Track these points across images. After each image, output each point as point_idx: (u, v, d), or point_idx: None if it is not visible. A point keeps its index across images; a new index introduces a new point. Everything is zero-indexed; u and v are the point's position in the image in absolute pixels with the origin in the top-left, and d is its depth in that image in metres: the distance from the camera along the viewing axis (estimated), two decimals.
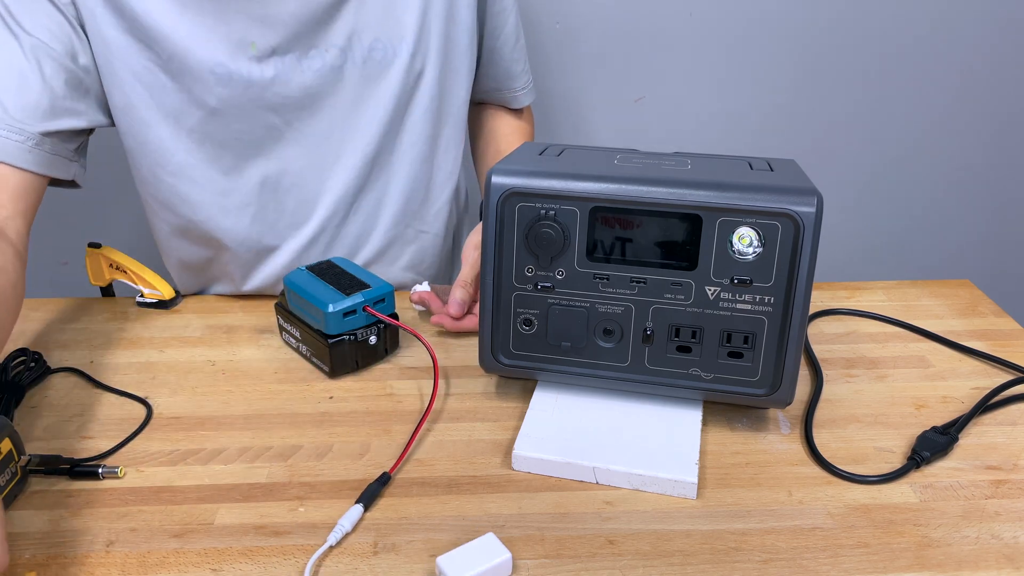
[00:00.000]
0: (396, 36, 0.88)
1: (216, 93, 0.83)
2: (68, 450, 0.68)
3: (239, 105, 0.85)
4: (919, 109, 1.51)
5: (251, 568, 0.56)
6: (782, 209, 0.61)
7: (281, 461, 0.67)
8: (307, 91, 0.86)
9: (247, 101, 0.85)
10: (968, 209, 1.63)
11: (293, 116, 0.87)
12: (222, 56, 0.82)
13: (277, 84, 0.85)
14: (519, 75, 1.04)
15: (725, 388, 0.67)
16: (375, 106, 0.89)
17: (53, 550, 0.58)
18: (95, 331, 0.87)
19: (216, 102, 0.84)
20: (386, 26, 0.87)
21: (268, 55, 0.83)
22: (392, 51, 0.88)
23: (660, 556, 0.57)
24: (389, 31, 0.87)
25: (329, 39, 0.85)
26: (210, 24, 0.81)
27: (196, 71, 0.82)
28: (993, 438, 0.70)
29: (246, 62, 0.83)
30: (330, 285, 0.78)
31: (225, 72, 0.83)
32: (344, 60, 0.86)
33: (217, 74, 0.82)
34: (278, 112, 0.86)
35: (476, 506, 0.62)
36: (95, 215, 1.51)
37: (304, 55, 0.85)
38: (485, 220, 0.67)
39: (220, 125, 0.86)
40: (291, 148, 0.89)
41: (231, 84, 0.83)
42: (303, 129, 0.88)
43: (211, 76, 0.82)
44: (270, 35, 0.83)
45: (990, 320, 0.89)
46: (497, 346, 0.71)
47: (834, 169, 1.55)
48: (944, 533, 0.59)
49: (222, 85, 0.83)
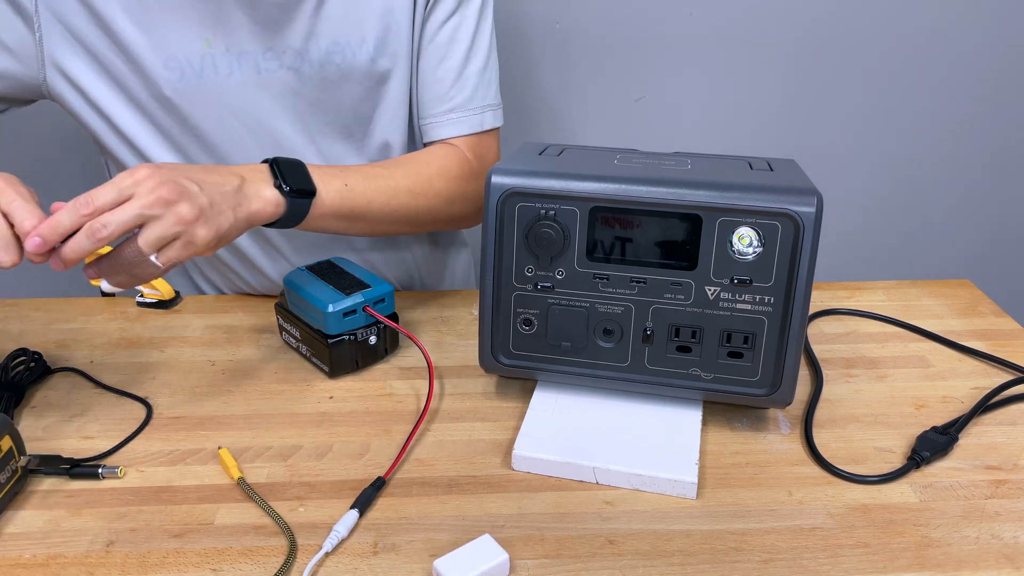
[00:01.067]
0: (356, 39, 0.86)
1: (172, 86, 0.83)
2: (68, 450, 0.68)
3: (193, 100, 0.84)
4: (919, 109, 1.51)
5: (251, 568, 0.56)
6: (782, 209, 0.61)
7: (281, 461, 0.67)
8: (261, 91, 0.85)
9: (201, 97, 0.84)
10: (968, 209, 1.63)
11: (248, 116, 0.86)
12: (176, 50, 0.82)
13: (231, 83, 0.84)
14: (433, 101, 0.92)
15: (725, 388, 0.67)
16: (335, 110, 0.88)
17: (53, 550, 0.58)
18: (95, 331, 0.87)
19: (171, 93, 0.83)
20: (345, 29, 0.85)
21: (223, 52, 0.83)
22: (351, 54, 0.86)
23: (660, 556, 0.57)
24: (348, 34, 0.85)
25: (285, 41, 0.84)
26: (165, 21, 0.81)
27: (150, 63, 0.82)
28: (993, 438, 0.70)
29: (198, 58, 0.83)
30: (330, 285, 0.78)
31: (177, 66, 0.82)
32: (300, 62, 0.85)
33: (170, 68, 0.82)
34: (235, 113, 0.85)
35: (476, 506, 0.62)
36: None
37: (261, 57, 0.84)
38: (485, 220, 0.67)
39: (177, 119, 0.85)
40: (248, 148, 0.87)
41: (184, 79, 0.82)
42: (257, 130, 0.87)
43: (164, 70, 0.82)
44: (223, 33, 0.82)
45: (990, 320, 0.89)
46: (497, 346, 0.71)
47: (834, 169, 1.55)
48: (944, 533, 0.59)
49: (176, 78, 0.82)
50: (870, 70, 1.46)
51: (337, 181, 0.80)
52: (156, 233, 0.63)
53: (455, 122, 0.92)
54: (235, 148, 0.87)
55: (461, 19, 0.90)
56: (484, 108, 0.93)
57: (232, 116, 0.85)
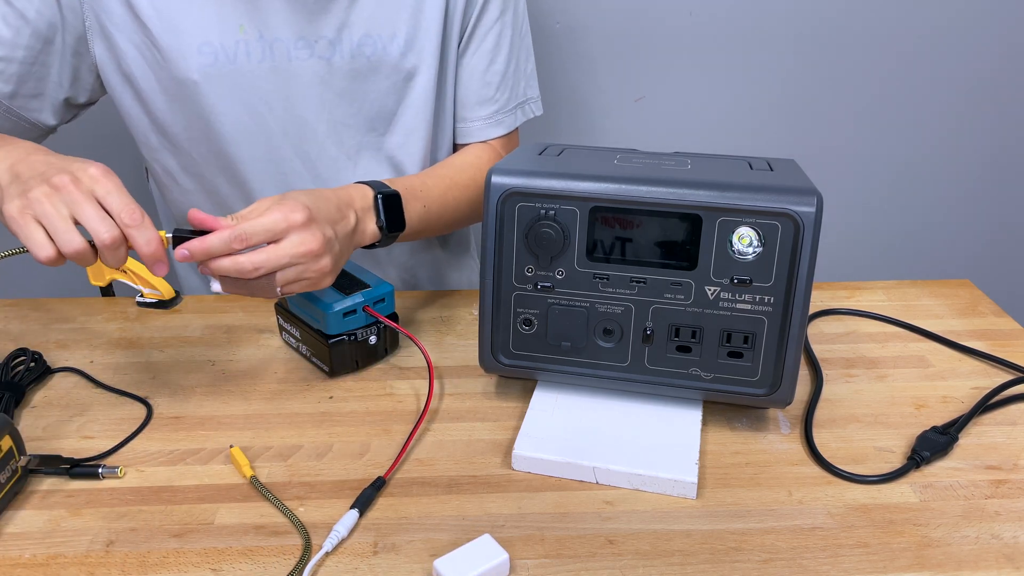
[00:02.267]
0: (387, 33, 0.87)
1: (202, 70, 0.84)
2: (68, 450, 0.68)
3: (220, 84, 0.84)
4: (919, 109, 1.51)
5: (251, 568, 0.56)
6: (782, 209, 0.61)
7: (281, 461, 0.67)
8: (292, 81, 0.86)
9: (229, 82, 0.85)
10: (969, 209, 1.63)
11: (275, 103, 0.87)
12: (211, 35, 0.83)
13: (262, 69, 0.85)
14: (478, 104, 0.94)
15: (725, 388, 0.67)
16: (361, 102, 0.89)
17: (53, 550, 0.58)
18: (95, 331, 0.87)
19: (199, 77, 0.84)
20: (377, 22, 0.86)
21: (256, 39, 0.84)
22: (382, 47, 0.87)
23: (660, 556, 0.57)
24: (380, 28, 0.87)
25: (319, 31, 0.85)
26: (203, 4, 0.82)
27: (184, 48, 0.83)
28: (993, 438, 0.70)
29: (233, 44, 0.83)
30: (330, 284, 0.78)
31: (211, 51, 0.83)
32: (332, 53, 0.86)
33: (204, 53, 0.83)
34: (263, 99, 0.86)
35: (476, 506, 0.62)
36: None
37: (293, 45, 0.85)
38: (485, 220, 0.67)
39: (207, 105, 0.85)
40: (274, 137, 0.89)
41: (216, 64, 0.83)
42: (283, 117, 0.88)
43: (198, 55, 0.83)
44: (258, 20, 0.83)
45: (990, 320, 0.89)
46: (497, 346, 0.71)
47: (834, 169, 1.55)
48: (944, 533, 0.59)
49: (208, 63, 0.83)
50: (870, 70, 1.46)
51: (418, 204, 0.83)
52: (294, 276, 0.67)
53: (496, 124, 0.95)
54: (254, 136, 0.88)
55: (505, 21, 0.92)
56: (523, 102, 0.97)
57: (259, 102, 0.86)
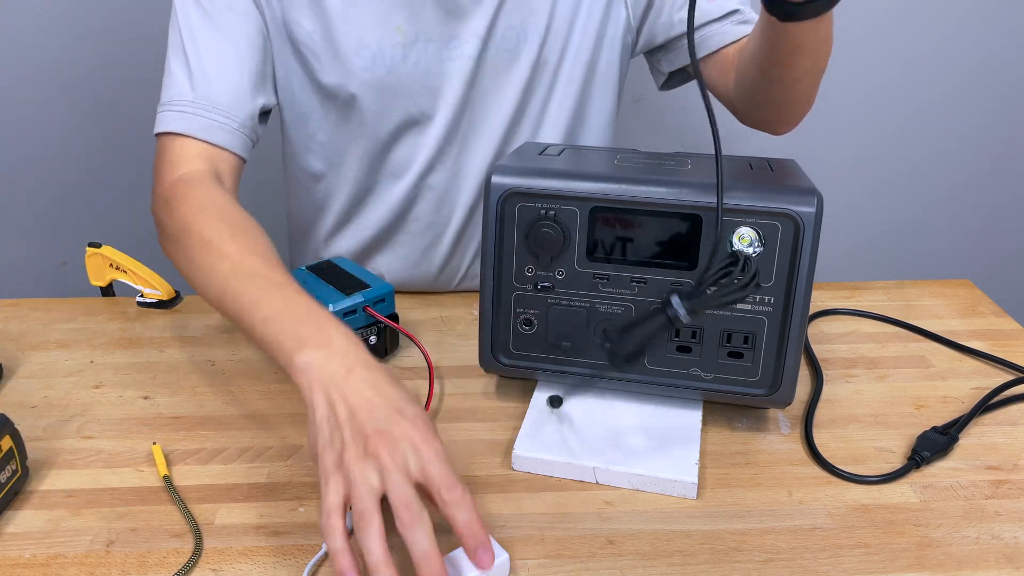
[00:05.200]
0: (532, 25, 0.86)
1: (359, 76, 0.84)
2: (68, 450, 0.68)
3: (379, 88, 0.85)
4: (920, 109, 1.51)
5: (251, 568, 0.56)
6: (782, 209, 0.61)
7: (281, 461, 0.67)
8: (441, 79, 0.86)
9: (387, 85, 0.85)
10: (968, 209, 1.63)
11: (427, 104, 0.87)
12: (369, 38, 0.83)
13: (417, 72, 0.85)
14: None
15: (725, 388, 0.67)
16: (501, 98, 0.89)
17: (53, 550, 0.58)
18: (95, 331, 0.87)
19: (358, 84, 0.85)
20: (520, 16, 0.86)
21: (412, 40, 0.84)
22: (523, 39, 0.87)
23: (660, 556, 0.57)
24: (524, 21, 0.86)
25: (471, 28, 0.85)
26: (362, 5, 0.83)
27: (343, 51, 0.84)
28: (993, 438, 0.70)
29: (390, 46, 0.84)
30: (330, 285, 0.78)
31: (369, 54, 0.84)
32: (482, 49, 0.86)
33: (362, 56, 0.84)
34: (414, 100, 0.87)
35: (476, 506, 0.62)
36: (95, 215, 1.51)
37: (445, 45, 0.85)
38: (485, 220, 0.67)
39: (360, 107, 0.86)
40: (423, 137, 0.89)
41: (374, 67, 0.84)
42: (435, 117, 0.88)
43: (356, 58, 0.84)
44: (413, 21, 0.83)
45: (990, 320, 0.89)
46: (497, 346, 0.71)
47: (834, 169, 1.55)
48: (944, 533, 0.59)
49: (364, 66, 0.84)
50: (870, 70, 1.46)
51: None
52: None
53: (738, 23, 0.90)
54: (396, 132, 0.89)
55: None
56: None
57: (409, 102, 0.87)
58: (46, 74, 1.43)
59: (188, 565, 0.56)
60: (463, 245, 0.97)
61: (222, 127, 0.80)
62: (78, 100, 1.43)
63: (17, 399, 0.75)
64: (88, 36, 1.41)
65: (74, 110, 1.45)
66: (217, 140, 0.80)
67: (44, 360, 0.81)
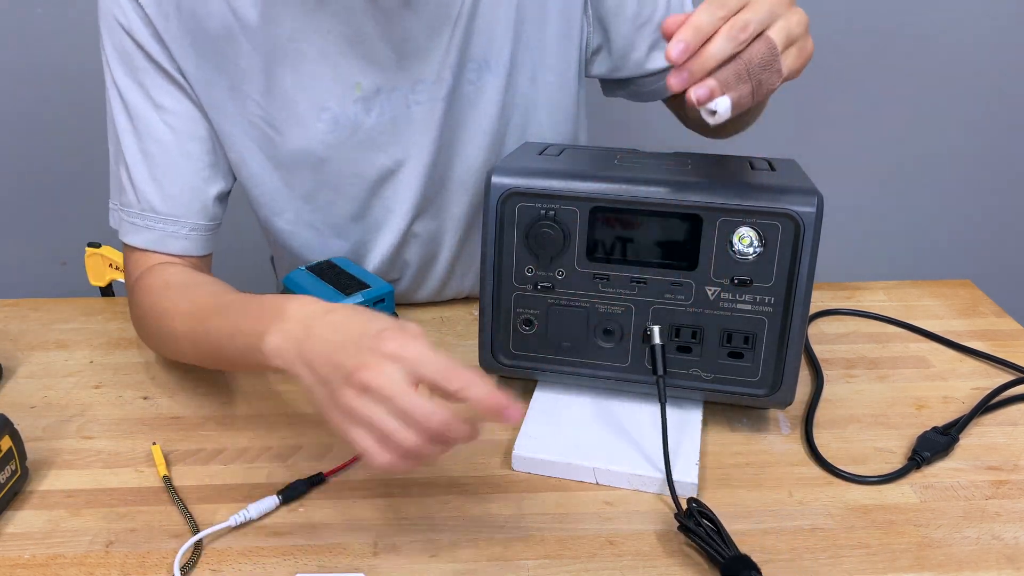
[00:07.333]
0: (489, 55, 0.81)
1: (324, 140, 0.80)
2: (68, 450, 0.68)
3: (346, 152, 0.81)
4: (920, 109, 1.51)
5: (251, 568, 0.56)
6: (782, 209, 0.61)
7: (281, 461, 0.67)
8: (411, 126, 0.81)
9: (353, 147, 0.81)
10: (968, 209, 1.63)
11: (397, 150, 0.82)
12: (329, 101, 0.78)
13: (382, 124, 0.80)
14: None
15: (725, 388, 0.67)
16: (474, 131, 0.84)
17: (53, 550, 0.58)
18: (95, 331, 0.87)
19: (324, 148, 0.80)
20: (482, 47, 0.81)
21: (374, 94, 0.79)
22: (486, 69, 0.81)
23: (660, 556, 0.57)
24: (486, 52, 0.81)
25: (431, 69, 0.79)
26: (312, 70, 0.77)
27: (303, 119, 0.79)
28: (993, 438, 0.70)
29: (351, 105, 0.79)
30: (330, 285, 0.78)
31: (330, 117, 0.79)
32: (448, 89, 0.80)
33: (323, 120, 0.79)
34: (386, 151, 0.82)
35: (476, 506, 0.62)
36: (95, 215, 1.51)
37: (411, 90, 0.80)
38: (485, 220, 0.67)
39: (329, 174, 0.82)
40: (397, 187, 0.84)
41: (337, 129, 0.79)
42: (408, 163, 0.83)
43: (318, 123, 0.79)
44: (372, 73, 0.78)
45: (990, 320, 0.89)
46: (497, 346, 0.71)
47: (834, 169, 1.55)
48: (944, 533, 0.59)
49: (328, 130, 0.79)
50: (871, 70, 1.46)
51: None
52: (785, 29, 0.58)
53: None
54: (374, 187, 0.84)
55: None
56: None
57: (379, 153, 0.82)
58: (46, 74, 1.43)
59: (188, 565, 0.56)
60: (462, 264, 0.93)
61: (172, 235, 0.78)
62: (78, 100, 1.43)
63: (17, 399, 0.75)
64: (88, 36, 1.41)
65: (74, 110, 1.45)
66: (171, 249, 0.78)
67: (44, 360, 0.81)
